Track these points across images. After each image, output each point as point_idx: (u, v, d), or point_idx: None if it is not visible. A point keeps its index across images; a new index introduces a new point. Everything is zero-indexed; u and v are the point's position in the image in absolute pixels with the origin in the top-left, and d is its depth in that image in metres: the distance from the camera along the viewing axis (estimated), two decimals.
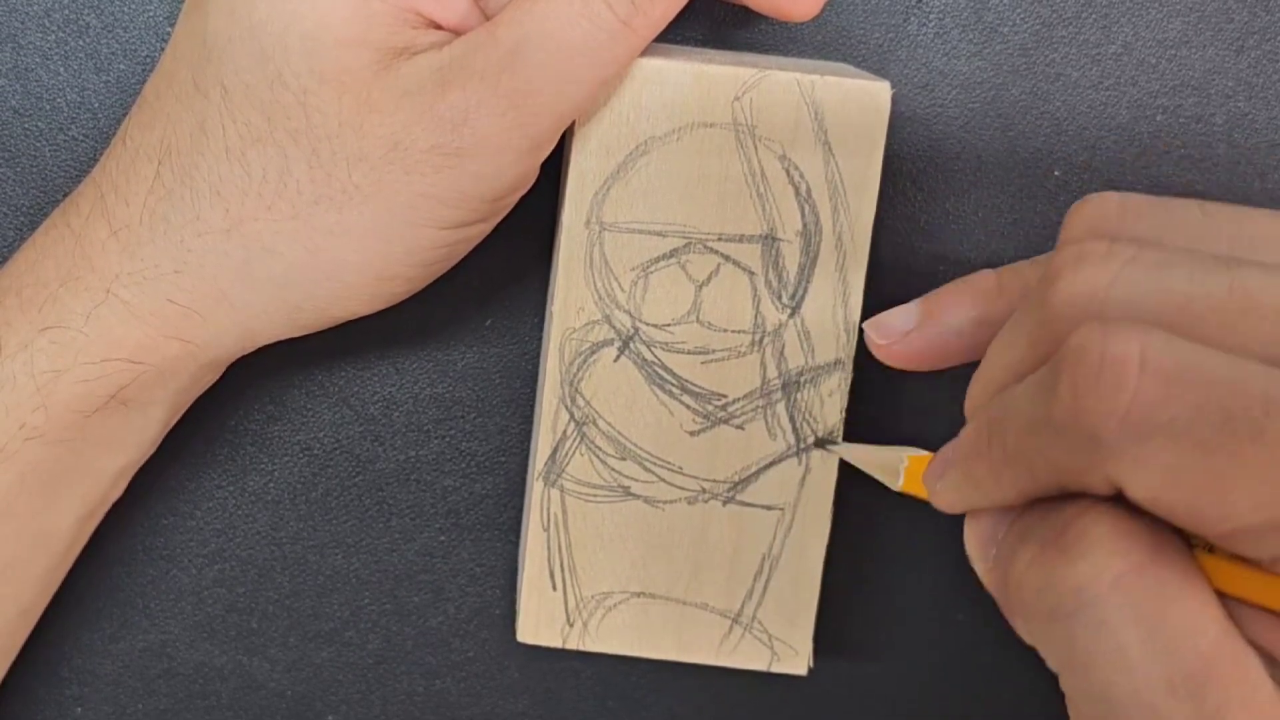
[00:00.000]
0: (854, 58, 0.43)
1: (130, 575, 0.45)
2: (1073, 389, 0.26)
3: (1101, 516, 0.27)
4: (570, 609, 0.40)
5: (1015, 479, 0.29)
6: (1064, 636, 0.27)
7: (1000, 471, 0.29)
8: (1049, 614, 0.27)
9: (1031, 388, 0.28)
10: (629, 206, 0.38)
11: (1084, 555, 0.27)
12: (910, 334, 0.35)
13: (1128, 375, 0.25)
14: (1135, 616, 0.26)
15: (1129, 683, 0.26)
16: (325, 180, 0.36)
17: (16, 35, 0.43)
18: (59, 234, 0.37)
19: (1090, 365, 0.26)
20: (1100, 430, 0.26)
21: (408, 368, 0.45)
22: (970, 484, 0.30)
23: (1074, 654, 0.27)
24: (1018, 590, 0.28)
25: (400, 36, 0.36)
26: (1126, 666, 0.26)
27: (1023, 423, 0.28)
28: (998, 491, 0.29)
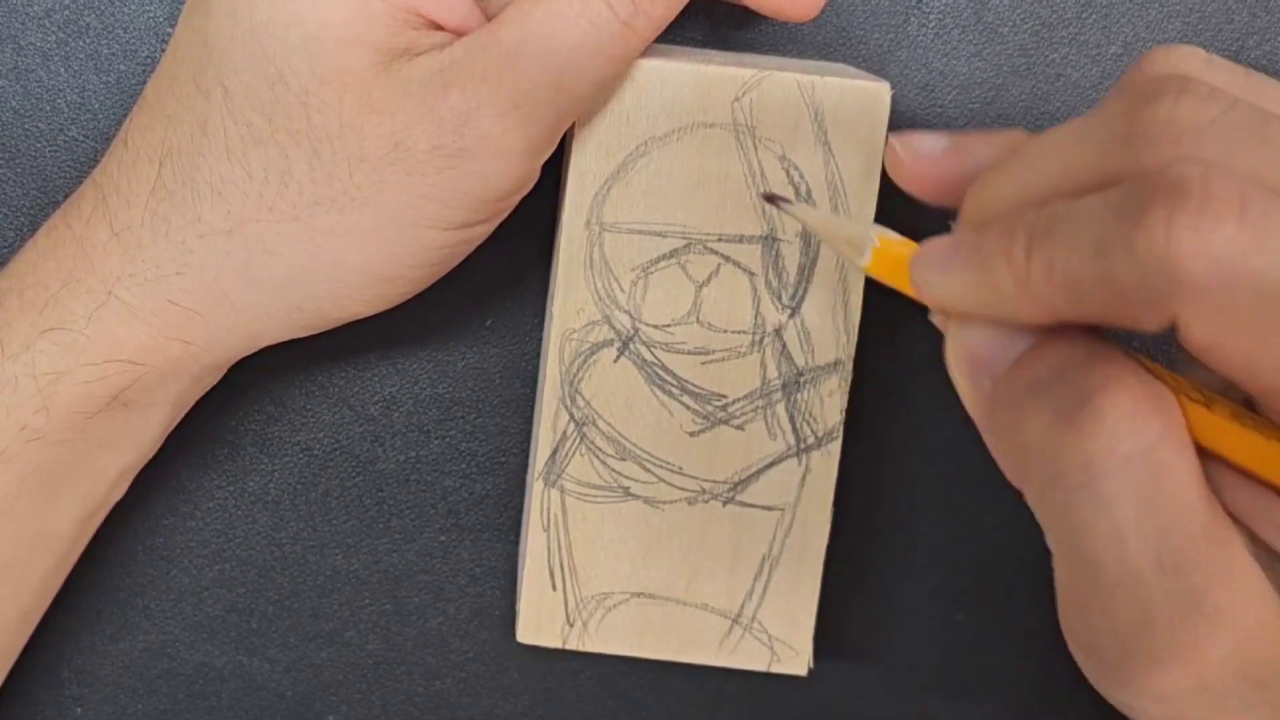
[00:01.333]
0: (854, 58, 0.43)
1: (130, 575, 0.45)
2: (1168, 221, 0.25)
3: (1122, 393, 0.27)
4: (570, 609, 0.40)
5: (1049, 297, 0.28)
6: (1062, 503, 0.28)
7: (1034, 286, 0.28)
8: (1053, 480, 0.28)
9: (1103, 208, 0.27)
10: (629, 207, 0.38)
11: (1099, 433, 0.27)
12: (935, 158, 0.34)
13: (1227, 217, 0.25)
14: (1136, 495, 0.27)
15: (1119, 554, 0.27)
16: (326, 181, 0.36)
17: (16, 36, 0.43)
18: (60, 235, 0.37)
19: (1191, 199, 0.25)
20: (1187, 268, 0.25)
21: (408, 368, 0.45)
22: (986, 290, 0.29)
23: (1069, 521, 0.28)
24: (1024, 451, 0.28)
25: (401, 37, 0.36)
26: (1119, 540, 0.27)
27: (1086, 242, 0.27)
28: (1020, 304, 0.28)
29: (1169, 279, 0.26)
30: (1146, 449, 0.27)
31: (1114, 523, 0.27)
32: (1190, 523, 0.27)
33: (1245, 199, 0.25)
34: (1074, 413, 0.27)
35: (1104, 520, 0.27)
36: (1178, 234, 0.25)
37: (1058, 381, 0.28)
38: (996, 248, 0.29)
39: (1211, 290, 0.25)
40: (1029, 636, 0.46)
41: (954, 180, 0.36)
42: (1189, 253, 0.25)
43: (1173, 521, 0.27)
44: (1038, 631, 0.46)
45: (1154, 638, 0.27)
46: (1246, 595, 0.27)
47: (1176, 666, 0.27)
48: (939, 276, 0.30)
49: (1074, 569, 0.28)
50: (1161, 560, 0.27)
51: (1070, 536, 0.28)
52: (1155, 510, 0.27)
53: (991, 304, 0.29)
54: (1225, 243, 0.25)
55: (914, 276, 0.31)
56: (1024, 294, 0.28)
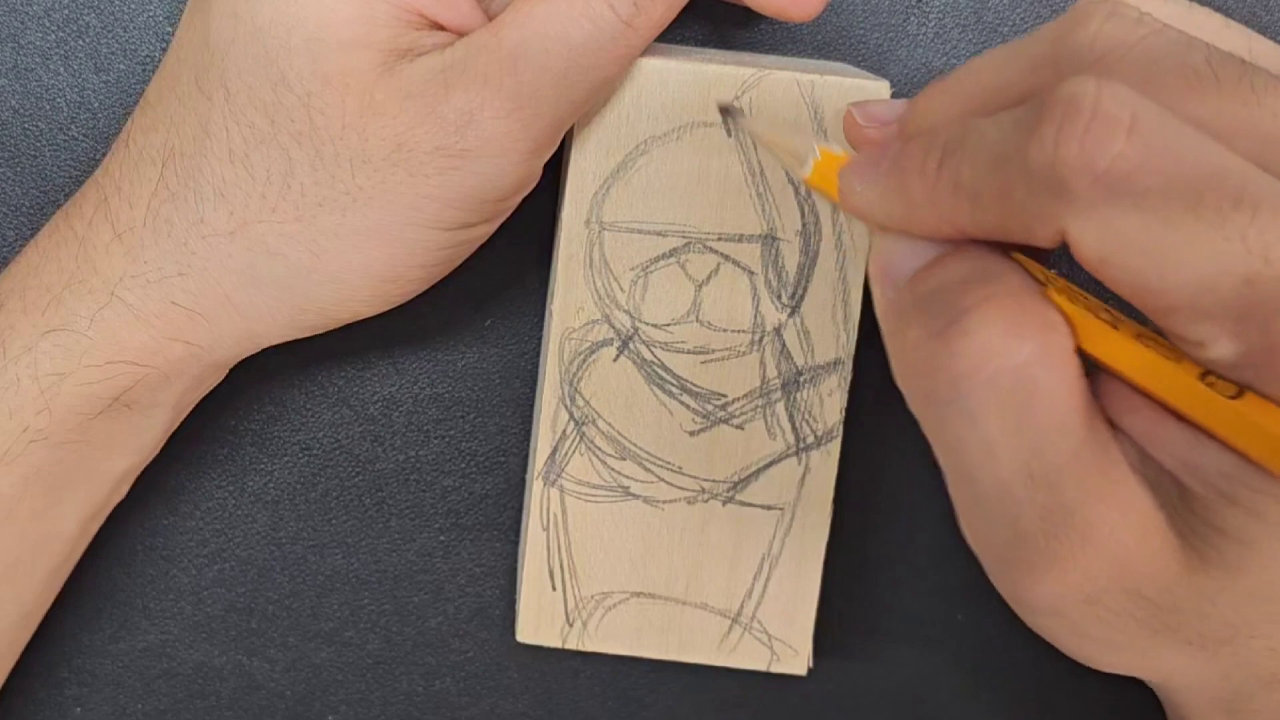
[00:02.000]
0: (854, 58, 0.43)
1: (130, 575, 0.45)
2: (1056, 134, 0.26)
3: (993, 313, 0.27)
4: (570, 609, 0.40)
5: (954, 210, 0.28)
6: (935, 417, 0.28)
7: (941, 198, 0.29)
8: (926, 394, 0.28)
9: (1007, 122, 0.27)
10: (629, 206, 0.38)
11: (965, 353, 0.27)
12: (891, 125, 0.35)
13: (1115, 134, 0.26)
14: (1002, 413, 0.27)
15: (990, 470, 0.28)
16: (329, 182, 0.36)
17: (16, 35, 0.43)
18: (62, 236, 0.37)
19: (1081, 115, 0.26)
20: (1073, 181, 0.26)
21: (408, 368, 0.45)
22: (899, 200, 0.30)
23: (943, 436, 0.28)
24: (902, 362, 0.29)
25: (404, 38, 0.36)
26: (989, 455, 0.27)
27: (988, 155, 0.28)
28: (929, 217, 0.29)
29: (1056, 192, 0.26)
30: (1015, 368, 0.27)
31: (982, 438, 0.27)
32: (1063, 441, 0.27)
33: (1137, 117, 0.26)
34: (945, 329, 0.28)
35: (972, 436, 0.28)
36: (1065, 147, 0.26)
37: (939, 297, 0.28)
38: (914, 160, 0.29)
39: (1097, 205, 0.26)
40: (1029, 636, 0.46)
41: None
42: (1074, 166, 0.26)
43: (1043, 439, 0.27)
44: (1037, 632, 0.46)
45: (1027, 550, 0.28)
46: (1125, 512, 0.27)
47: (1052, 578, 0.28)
48: (862, 186, 0.31)
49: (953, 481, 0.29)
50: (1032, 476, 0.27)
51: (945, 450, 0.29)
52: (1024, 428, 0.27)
53: (905, 216, 0.30)
54: (1111, 159, 0.26)
55: (841, 185, 0.32)
56: (932, 206, 0.29)
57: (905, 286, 0.30)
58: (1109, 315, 0.29)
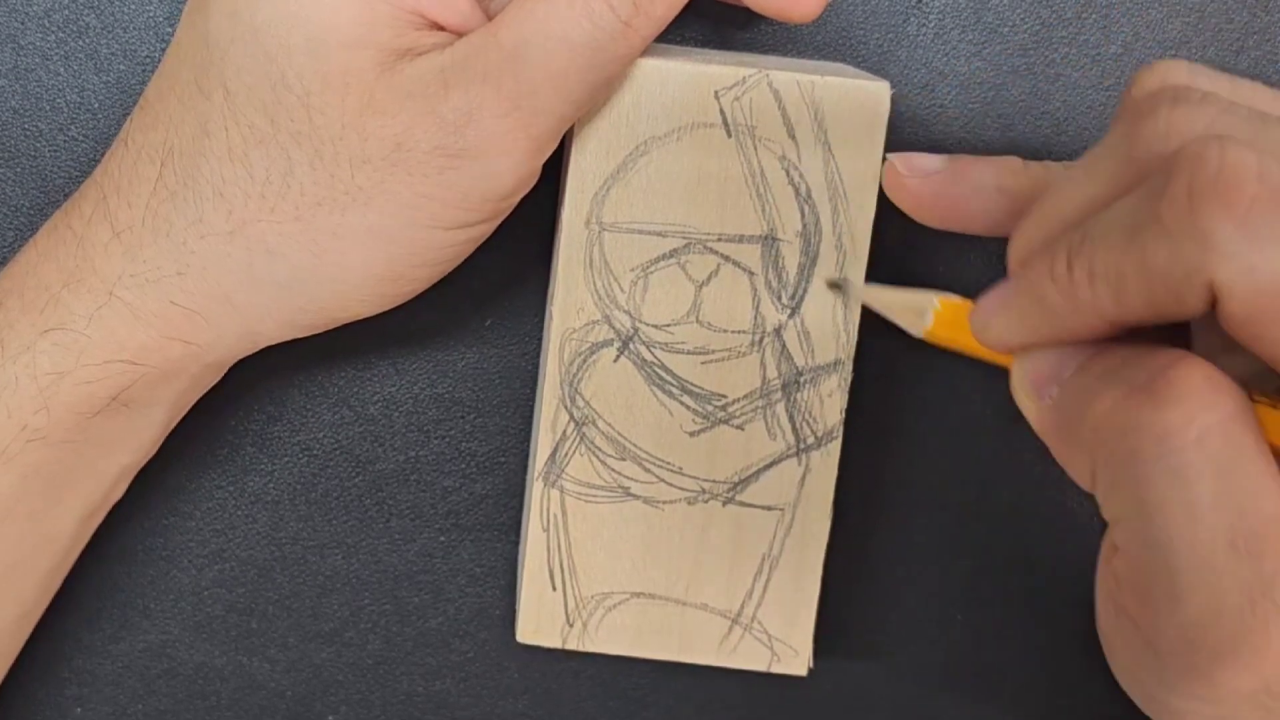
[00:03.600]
0: (854, 58, 0.43)
1: (130, 575, 0.45)
2: (1189, 188, 0.26)
3: (1196, 367, 0.27)
4: (570, 609, 0.40)
5: (1098, 300, 0.28)
6: (1136, 480, 0.27)
7: (1080, 293, 0.28)
8: (1127, 457, 0.27)
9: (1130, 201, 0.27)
10: (629, 206, 0.38)
11: (1175, 403, 0.26)
12: (932, 176, 0.35)
13: (1247, 177, 0.25)
14: (1212, 471, 0.26)
15: (1192, 535, 0.26)
16: (328, 182, 0.36)
17: (16, 35, 0.43)
18: (61, 236, 0.37)
19: (1209, 165, 0.26)
20: (1215, 229, 0.25)
21: (408, 368, 0.45)
22: (1037, 313, 0.30)
23: (1142, 500, 0.27)
24: (1095, 431, 0.28)
25: (403, 38, 0.36)
26: (1193, 518, 0.26)
27: (1119, 234, 0.27)
28: (1072, 318, 0.29)
29: (1199, 240, 0.26)
30: (1223, 423, 0.26)
31: (1189, 499, 0.26)
32: (1266, 504, 0.26)
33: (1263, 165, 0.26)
34: (1149, 385, 0.27)
35: (1179, 496, 0.26)
36: (1200, 196, 0.26)
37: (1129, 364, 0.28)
38: (1041, 272, 0.29)
39: (1242, 250, 0.25)
40: (1029, 636, 0.46)
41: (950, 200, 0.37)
42: (1213, 209, 0.26)
43: (1249, 502, 0.26)
44: (1038, 631, 0.46)
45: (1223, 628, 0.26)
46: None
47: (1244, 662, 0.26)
48: (996, 318, 0.31)
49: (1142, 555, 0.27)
50: (1236, 543, 0.26)
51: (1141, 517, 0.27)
52: (1232, 489, 0.26)
53: (1047, 328, 0.30)
54: (1249, 200, 0.25)
55: (974, 326, 0.31)
56: (1073, 306, 0.29)
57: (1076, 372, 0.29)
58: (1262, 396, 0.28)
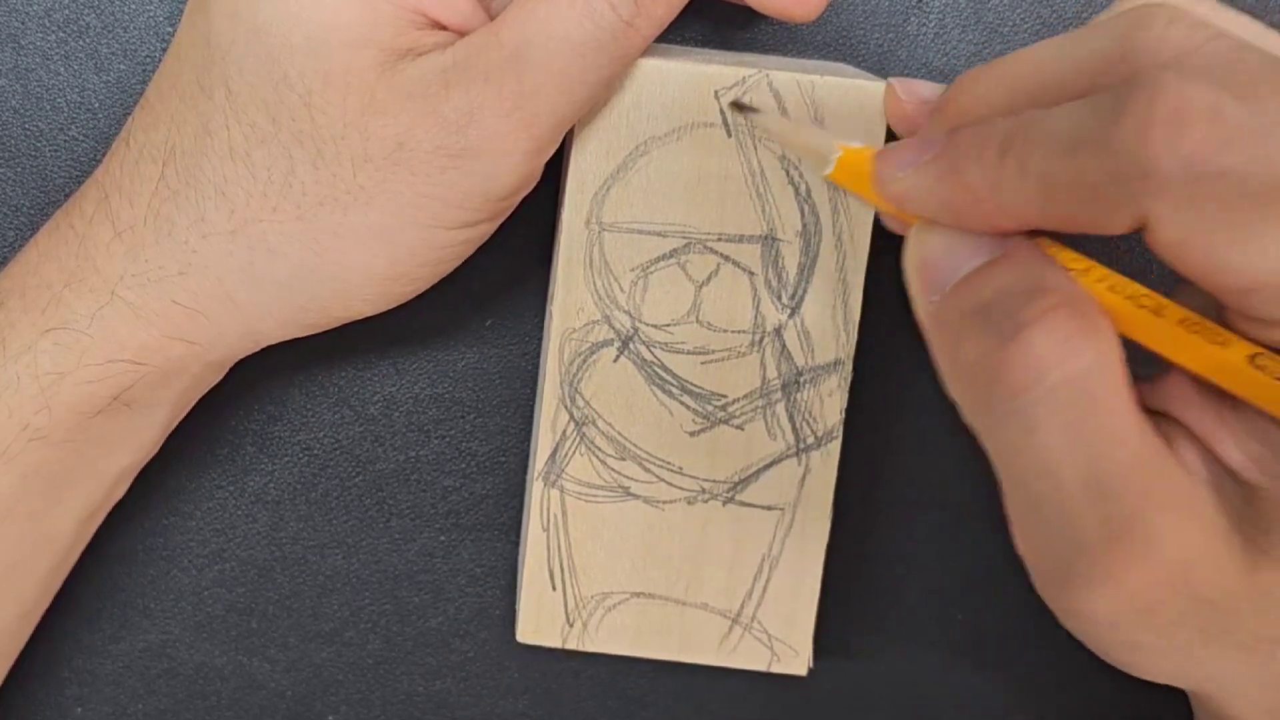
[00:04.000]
0: (854, 58, 0.43)
1: (130, 575, 0.45)
2: (1144, 118, 0.26)
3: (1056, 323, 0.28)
4: (570, 609, 0.40)
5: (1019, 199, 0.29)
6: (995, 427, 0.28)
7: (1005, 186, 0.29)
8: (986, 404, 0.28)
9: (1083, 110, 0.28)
10: (629, 206, 0.38)
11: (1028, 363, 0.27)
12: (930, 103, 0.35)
13: (1200, 118, 0.26)
14: (1064, 423, 0.27)
15: (1050, 479, 0.28)
16: (330, 181, 0.36)
17: (16, 35, 0.43)
18: (62, 235, 0.37)
19: (1166, 101, 0.26)
20: (1161, 163, 0.26)
21: (408, 368, 0.45)
22: (954, 188, 0.30)
23: (1002, 444, 0.28)
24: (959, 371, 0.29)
25: (405, 38, 0.36)
26: (1049, 465, 0.28)
27: (1061, 142, 0.28)
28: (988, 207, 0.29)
29: (1141, 174, 0.27)
30: (1076, 378, 0.27)
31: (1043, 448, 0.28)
32: (1121, 449, 0.27)
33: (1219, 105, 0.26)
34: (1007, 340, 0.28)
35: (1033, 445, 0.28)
36: (1153, 130, 0.26)
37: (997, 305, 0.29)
38: (969, 149, 0.29)
39: (1181, 185, 0.26)
40: (1029, 636, 0.46)
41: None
42: (1162, 148, 0.26)
43: (1102, 448, 0.27)
44: (1038, 631, 0.46)
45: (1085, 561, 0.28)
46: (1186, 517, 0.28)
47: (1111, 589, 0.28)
48: (906, 174, 0.31)
49: (1011, 490, 0.29)
50: (1090, 485, 0.27)
51: (1004, 459, 0.29)
52: (1084, 438, 0.27)
53: (959, 206, 0.30)
54: (1197, 142, 0.26)
55: (879, 172, 0.31)
56: (995, 195, 0.29)
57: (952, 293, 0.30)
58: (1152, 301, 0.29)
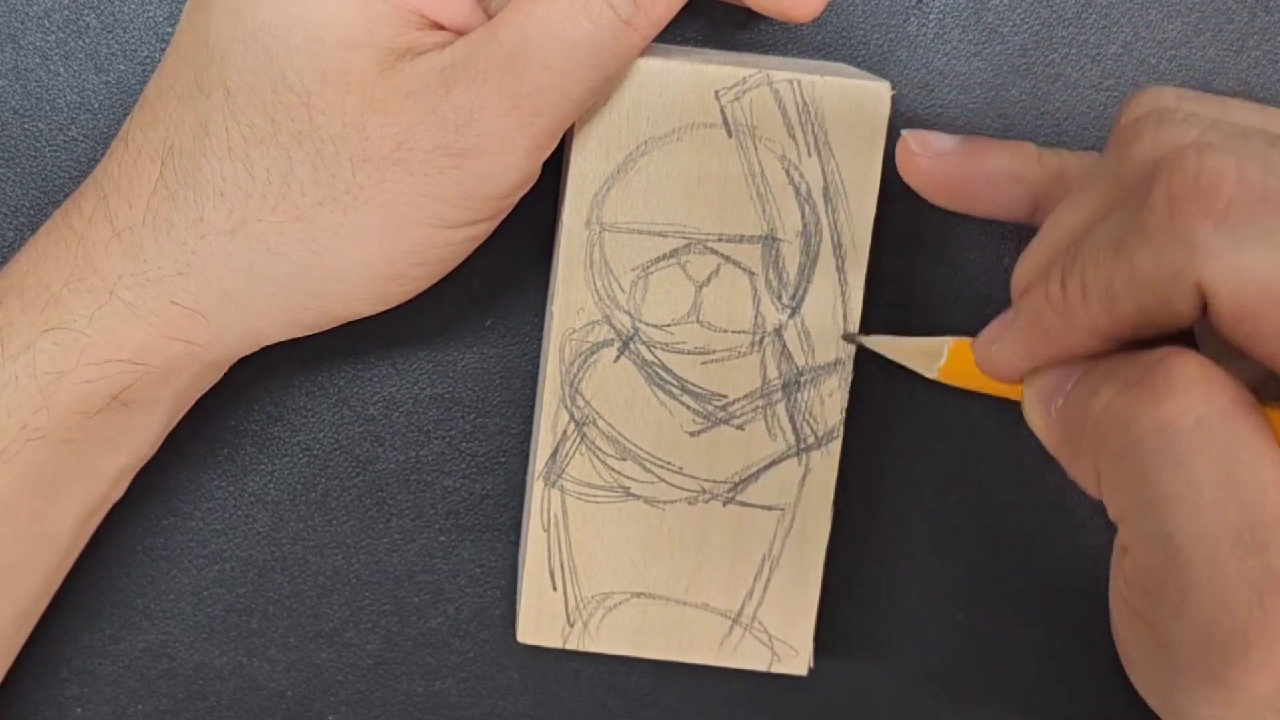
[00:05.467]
0: (854, 58, 0.43)
1: (130, 575, 0.45)
2: (1169, 193, 0.26)
3: (1190, 359, 0.27)
4: (570, 609, 0.40)
5: (1091, 316, 0.28)
6: (1138, 474, 0.27)
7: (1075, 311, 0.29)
8: (1127, 449, 0.27)
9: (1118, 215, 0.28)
10: (629, 206, 0.38)
11: (1171, 394, 0.26)
12: (946, 156, 0.35)
13: (1225, 178, 0.26)
14: (1213, 460, 0.26)
15: (1197, 526, 0.26)
16: (329, 181, 0.36)
17: (16, 35, 0.43)
18: (61, 235, 0.37)
19: (1187, 169, 0.26)
20: (1197, 228, 0.26)
21: (408, 368, 0.45)
22: (1036, 336, 0.30)
23: (1145, 493, 0.27)
24: (1095, 427, 0.28)
25: (404, 38, 0.36)
26: (1198, 509, 0.26)
27: (1106, 247, 0.28)
28: (1069, 336, 0.29)
29: (1182, 242, 0.26)
30: (1222, 411, 0.26)
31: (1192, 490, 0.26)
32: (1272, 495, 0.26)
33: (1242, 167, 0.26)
34: (1145, 378, 0.27)
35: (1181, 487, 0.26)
36: (1180, 199, 0.26)
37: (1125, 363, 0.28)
38: (1038, 295, 0.30)
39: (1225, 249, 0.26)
40: (1029, 636, 0.46)
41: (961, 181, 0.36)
42: (1193, 211, 0.26)
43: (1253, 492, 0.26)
44: (1038, 631, 0.46)
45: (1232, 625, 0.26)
46: None
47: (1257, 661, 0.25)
48: (997, 346, 0.31)
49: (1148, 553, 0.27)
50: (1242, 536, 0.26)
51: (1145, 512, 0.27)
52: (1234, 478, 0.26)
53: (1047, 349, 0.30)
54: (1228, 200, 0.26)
55: (978, 357, 0.32)
56: (1069, 324, 0.29)
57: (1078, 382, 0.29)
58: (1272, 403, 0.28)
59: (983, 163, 0.36)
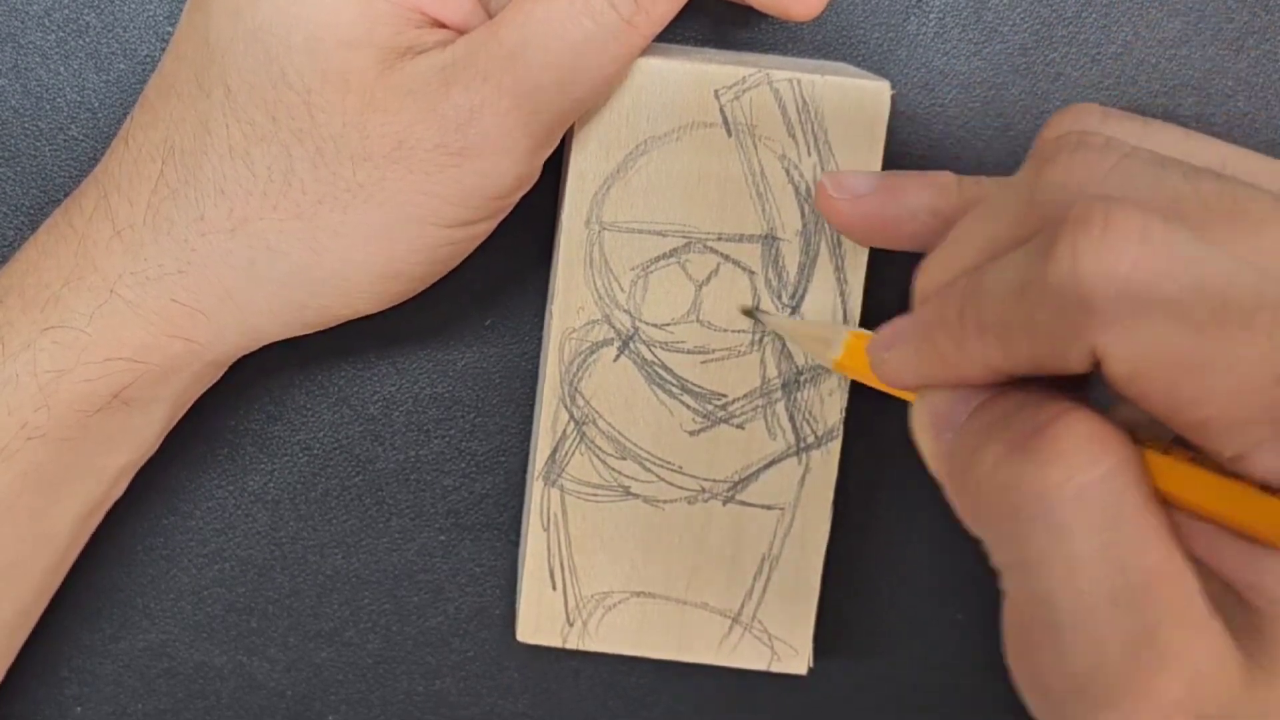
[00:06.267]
0: (854, 58, 0.43)
1: (130, 575, 0.45)
2: (1073, 250, 0.26)
3: (1078, 422, 0.27)
4: (570, 609, 0.40)
5: (986, 351, 0.29)
6: (1019, 537, 0.27)
7: (970, 342, 0.29)
8: (1008, 513, 0.27)
9: (1019, 256, 0.28)
10: (629, 206, 0.38)
11: (1054, 461, 0.27)
12: (864, 198, 0.35)
13: (1130, 242, 0.26)
14: (1091, 526, 0.26)
15: (1074, 589, 0.27)
16: (330, 180, 0.36)
17: (16, 35, 0.43)
18: (61, 234, 0.37)
19: (1093, 228, 0.26)
20: (1097, 294, 0.26)
21: (408, 368, 0.45)
22: (930, 356, 0.30)
23: (1025, 555, 0.27)
24: (978, 486, 0.28)
25: (404, 36, 0.36)
26: (1074, 574, 0.27)
27: (1006, 288, 0.28)
28: (962, 365, 0.29)
29: (1081, 305, 0.26)
30: (1103, 479, 0.27)
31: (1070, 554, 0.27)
32: (1146, 557, 0.27)
33: (1148, 227, 0.26)
34: (1029, 442, 0.27)
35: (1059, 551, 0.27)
36: (1083, 259, 0.26)
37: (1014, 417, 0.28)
38: (933, 317, 0.30)
39: (1123, 315, 0.26)
40: None
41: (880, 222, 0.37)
42: (1096, 278, 0.26)
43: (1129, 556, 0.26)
44: None
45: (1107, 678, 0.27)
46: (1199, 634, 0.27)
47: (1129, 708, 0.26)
48: (889, 354, 0.31)
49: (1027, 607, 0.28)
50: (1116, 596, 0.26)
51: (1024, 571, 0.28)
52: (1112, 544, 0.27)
53: (939, 371, 0.30)
54: (1130, 266, 0.26)
55: (871, 360, 0.32)
56: (963, 354, 0.29)
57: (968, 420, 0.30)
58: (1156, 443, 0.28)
59: (902, 200, 0.36)
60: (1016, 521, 0.27)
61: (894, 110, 0.38)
